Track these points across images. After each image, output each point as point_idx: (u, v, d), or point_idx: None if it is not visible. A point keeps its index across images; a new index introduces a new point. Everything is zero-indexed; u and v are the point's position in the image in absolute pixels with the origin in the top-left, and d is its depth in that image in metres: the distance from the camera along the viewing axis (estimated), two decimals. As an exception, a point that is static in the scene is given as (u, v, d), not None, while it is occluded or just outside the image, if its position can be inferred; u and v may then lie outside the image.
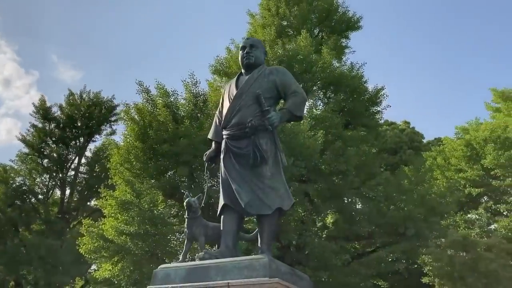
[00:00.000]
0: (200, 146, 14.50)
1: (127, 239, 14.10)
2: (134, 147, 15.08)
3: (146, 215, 13.58)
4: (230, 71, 19.04)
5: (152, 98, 16.47)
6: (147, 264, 14.52)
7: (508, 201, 21.42)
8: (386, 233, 17.11)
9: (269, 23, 21.35)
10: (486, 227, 21.30)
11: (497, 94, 25.86)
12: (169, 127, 14.54)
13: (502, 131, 21.72)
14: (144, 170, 14.88)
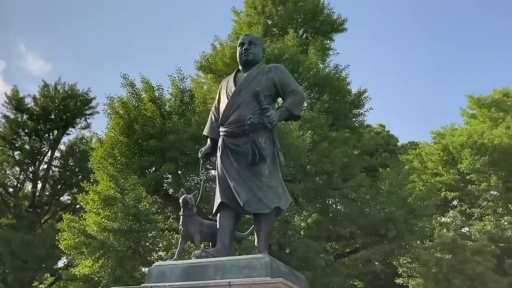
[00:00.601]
0: (188, 142, 14.40)
1: (110, 235, 13.81)
2: (119, 142, 14.77)
3: (131, 211, 13.31)
4: (215, 67, 18.94)
5: (137, 92, 16.20)
6: (129, 261, 14.28)
7: (482, 206, 22.00)
8: (367, 234, 17.30)
9: (255, 21, 21.30)
10: (460, 230, 21.87)
11: (473, 101, 26.54)
12: (157, 122, 14.30)
13: (478, 137, 22.32)
14: (128, 166, 14.59)
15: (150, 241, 14.53)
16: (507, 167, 21.98)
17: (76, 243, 14.08)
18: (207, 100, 16.44)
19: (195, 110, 15.72)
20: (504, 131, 22.31)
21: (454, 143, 23.10)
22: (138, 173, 14.45)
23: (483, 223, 20.61)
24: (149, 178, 14.14)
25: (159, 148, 14.21)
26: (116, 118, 15.10)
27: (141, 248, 14.74)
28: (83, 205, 15.63)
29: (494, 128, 23.05)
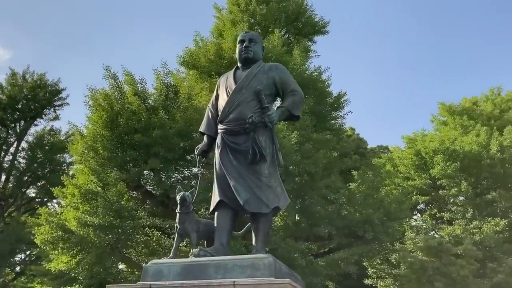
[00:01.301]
0: (174, 138, 14.21)
1: (90, 231, 13.46)
2: (101, 135, 14.40)
3: (113, 207, 12.99)
4: (198, 64, 18.74)
5: (119, 84, 15.85)
6: (108, 258, 13.96)
7: (451, 210, 22.67)
8: (344, 235, 17.54)
9: (238, 19, 21.20)
10: (429, 233, 22.48)
11: (444, 108, 27.30)
12: (142, 116, 14.02)
13: (450, 144, 22.98)
14: (110, 160, 14.25)
15: (130, 238, 14.22)
16: (476, 174, 22.73)
17: (54, 238, 13.63)
18: (192, 96, 16.28)
19: (180, 106, 15.52)
20: (474, 139, 23.04)
21: (426, 149, 23.70)
22: (121, 168, 14.12)
23: (453, 227, 21.24)
24: (132, 174, 13.84)
25: (144, 143, 13.93)
26: (98, 111, 14.70)
27: (120, 245, 14.43)
28: (60, 199, 15.14)
29: (465, 136, 23.78)
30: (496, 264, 14.64)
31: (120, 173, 13.79)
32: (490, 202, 21.82)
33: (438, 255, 14.97)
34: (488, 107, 26.28)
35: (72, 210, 14.06)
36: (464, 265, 14.38)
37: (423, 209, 25.35)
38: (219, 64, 18.29)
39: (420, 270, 14.67)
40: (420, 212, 25.83)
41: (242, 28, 19.16)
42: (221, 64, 18.28)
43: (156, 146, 13.85)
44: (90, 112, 15.30)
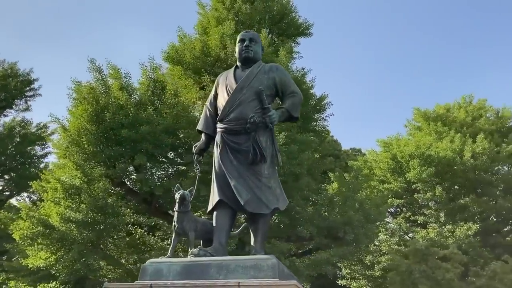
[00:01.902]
0: (161, 135, 14.00)
1: (73, 227, 13.11)
2: (85, 129, 14.03)
3: (98, 203, 12.69)
4: (184, 60, 18.52)
5: (103, 78, 15.50)
6: (90, 255, 13.64)
7: (425, 214, 23.25)
8: (324, 236, 17.70)
9: (223, 17, 21.05)
10: (404, 236, 23.01)
11: (419, 113, 27.93)
12: (130, 111, 13.73)
13: (426, 149, 23.55)
14: (94, 155, 13.91)
15: (112, 235, 13.94)
16: (450, 179, 23.37)
17: (34, 233, 13.20)
18: (178, 93, 16.08)
19: (166, 102, 15.30)
20: (448, 145, 23.69)
21: (402, 153, 24.21)
22: (107, 164, 13.81)
23: (427, 231, 21.78)
24: (118, 169, 13.56)
25: (131, 138, 13.65)
26: (83, 104, 14.31)
27: (102, 241, 14.13)
28: (40, 193, 14.68)
29: (439, 142, 24.41)
30: (479, 268, 15.11)
31: (106, 168, 13.47)
32: (463, 207, 22.47)
33: (424, 258, 15.30)
34: (461, 114, 27.04)
35: (53, 205, 13.67)
36: (449, 269, 14.76)
37: (396, 212, 25.86)
38: (204, 61, 18.14)
39: (406, 272, 14.96)
40: (393, 215, 26.36)
41: (229, 27, 19.06)
42: (206, 61, 18.14)
43: (144, 142, 13.59)
44: (73, 105, 14.88)
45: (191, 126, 13.87)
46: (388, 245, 21.98)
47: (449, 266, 14.78)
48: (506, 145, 23.99)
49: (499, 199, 22.02)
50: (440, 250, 15.48)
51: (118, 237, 14.06)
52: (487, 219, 22.74)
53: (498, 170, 24.22)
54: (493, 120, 27.04)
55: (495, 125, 26.39)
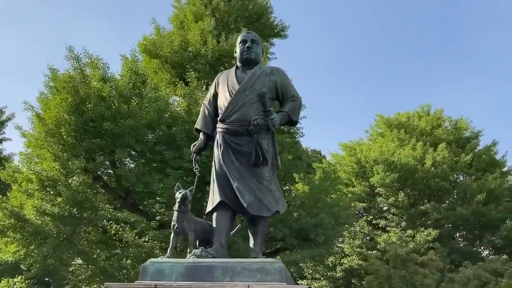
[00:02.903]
0: (144, 130, 13.67)
1: (48, 220, 12.55)
2: (64, 120, 13.43)
3: (78, 197, 12.20)
4: (161, 53, 18.15)
5: (81, 67, 14.92)
6: (64, 250, 13.11)
7: (387, 218, 23.95)
8: (295, 237, 17.85)
9: (201, 12, 20.78)
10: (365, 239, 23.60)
11: (382, 120, 28.74)
12: (113, 104, 13.28)
13: (390, 155, 24.27)
14: (72, 147, 13.37)
15: (88, 230, 13.47)
16: (411, 185, 24.19)
17: (4, 226, 12.52)
18: (160, 87, 15.75)
19: (146, 96, 14.92)
20: (410, 152, 24.52)
21: (367, 158, 24.83)
22: (85, 156, 13.31)
23: (388, 234, 22.45)
24: (98, 163, 13.08)
25: (112, 132, 13.21)
26: (62, 93, 13.69)
27: (76, 237, 13.62)
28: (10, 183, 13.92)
29: (401, 148, 25.21)
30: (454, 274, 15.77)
31: (86, 161, 12.97)
32: (423, 213, 23.31)
33: (403, 264, 15.75)
34: (422, 123, 28.06)
35: (25, 196, 13.02)
36: (427, 274, 15.26)
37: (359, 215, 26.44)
38: (183, 56, 17.85)
39: (384, 277, 15.35)
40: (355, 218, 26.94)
41: (209, 23, 18.85)
42: (185, 56, 17.85)
43: (125, 136, 13.19)
44: (50, 93, 14.24)
45: (176, 123, 13.64)
46: (351, 247, 22.46)
47: (427, 272, 15.31)
48: (465, 155, 25.10)
49: (457, 207, 23.02)
50: (419, 256, 16.00)
51: (94, 232, 13.57)
52: (445, 226, 23.71)
53: (456, 178, 25.30)
54: (451, 130, 28.22)
55: (453, 135, 27.55)
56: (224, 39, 18.03)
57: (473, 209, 22.53)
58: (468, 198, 23.27)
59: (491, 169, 25.88)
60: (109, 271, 13.62)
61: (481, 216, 22.71)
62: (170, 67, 17.82)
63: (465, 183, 24.05)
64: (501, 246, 22.35)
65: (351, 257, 22.41)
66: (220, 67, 18.26)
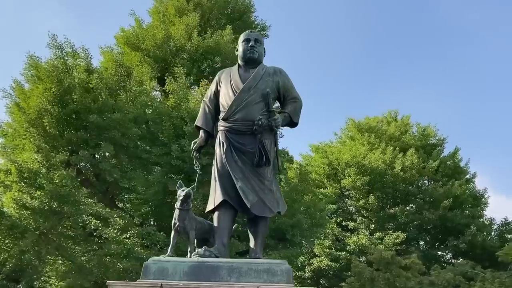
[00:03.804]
0: (130, 124, 13.38)
1: (27, 214, 12.09)
2: (46, 111, 12.95)
3: (61, 191, 11.78)
4: (143, 46, 17.80)
5: (63, 56, 14.45)
6: (43, 245, 12.65)
7: (356, 220, 24.42)
8: (272, 238, 17.94)
9: (183, 7, 20.50)
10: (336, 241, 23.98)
11: (353, 124, 29.22)
12: (101, 96, 12.90)
13: (362, 158, 24.74)
14: (55, 139, 12.93)
15: (68, 225, 13.05)
16: (381, 189, 24.74)
17: (-22, 218, 11.95)
18: (144, 81, 15.46)
19: (131, 90, 14.62)
20: (380, 156, 25.07)
21: (339, 160, 25.21)
22: (68, 149, 12.89)
23: (358, 236, 22.91)
24: (82, 156, 12.68)
25: (98, 125, 12.85)
26: (45, 83, 13.20)
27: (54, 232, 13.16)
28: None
29: (371, 152, 25.73)
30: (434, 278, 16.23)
31: (69, 154, 12.56)
32: (392, 216, 23.89)
33: (387, 266, 16.05)
34: (391, 128, 28.73)
35: (2, 188, 12.49)
36: (410, 277, 15.63)
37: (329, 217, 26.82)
38: (166, 50, 17.57)
39: (368, 280, 15.62)
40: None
41: (194, 18, 18.66)
42: (167, 51, 17.59)
43: (112, 130, 12.85)
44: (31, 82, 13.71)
45: (162, 118, 13.41)
46: (321, 248, 22.77)
47: (410, 275, 15.70)
48: (432, 161, 25.89)
49: (424, 211, 23.74)
50: (403, 259, 16.39)
51: (74, 228, 13.15)
52: (411, 229, 24.41)
53: (423, 183, 26.05)
54: (418, 136, 29.03)
55: (420, 141, 28.34)
56: (209, 36, 17.87)
57: (439, 214, 23.29)
58: (435, 203, 24.02)
59: (456, 175, 26.79)
60: (87, 267, 13.24)
61: (446, 220, 23.50)
62: (153, 61, 17.51)
63: (431, 188, 24.81)
64: (464, 250, 23.22)
65: (320, 257, 22.72)
66: (203, 63, 18.12)
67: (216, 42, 17.83)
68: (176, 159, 12.92)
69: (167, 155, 13.28)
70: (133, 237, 13.37)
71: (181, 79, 14.70)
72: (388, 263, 15.87)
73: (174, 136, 13.27)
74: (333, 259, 22.69)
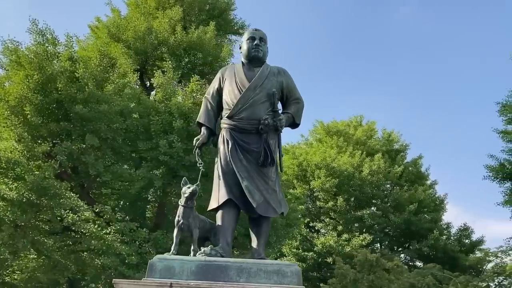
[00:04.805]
0: (116, 117, 13.00)
1: (4, 206, 11.51)
2: (27, 99, 12.37)
3: (43, 184, 11.28)
4: (124, 37, 17.32)
5: (44, 43, 13.85)
6: (19, 239, 12.09)
7: (325, 221, 24.78)
8: (247, 236, 17.92)
9: (164, 0, 20.11)
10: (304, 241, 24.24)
11: (322, 126, 29.62)
12: (88, 86, 12.45)
13: (331, 161, 25.14)
14: (36, 129, 12.37)
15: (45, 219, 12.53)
16: (349, 192, 25.22)
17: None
18: (128, 74, 15.04)
19: (114, 82, 14.19)
20: (349, 160, 25.57)
21: (309, 162, 25.50)
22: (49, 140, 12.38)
23: (325, 238, 23.27)
24: (65, 147, 12.19)
25: (82, 116, 12.39)
26: (26, 70, 12.60)
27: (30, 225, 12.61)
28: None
29: (339, 155, 26.20)
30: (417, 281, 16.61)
31: (52, 146, 12.05)
32: (358, 219, 24.40)
33: (370, 269, 16.28)
34: (359, 132, 29.38)
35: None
36: (392, 280, 15.92)
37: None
38: (147, 43, 17.17)
39: (350, 281, 15.80)
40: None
41: (177, 12, 18.34)
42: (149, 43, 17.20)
43: (97, 122, 12.43)
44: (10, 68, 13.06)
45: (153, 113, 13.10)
46: (289, 248, 22.96)
47: (392, 278, 16.01)
48: (397, 166, 26.64)
49: (389, 214, 24.38)
50: (387, 262, 16.68)
51: (53, 221, 12.64)
52: (377, 232, 25.02)
53: (388, 188, 26.74)
54: (383, 141, 29.79)
55: (385, 146, 29.09)
56: (193, 31, 17.61)
57: (404, 218, 23.98)
58: (400, 207, 24.72)
59: (419, 181, 27.70)
60: (64, 263, 12.78)
61: (411, 224, 24.23)
62: (133, 53, 17.08)
63: (397, 192, 25.52)
64: (427, 254, 24.02)
65: (288, 257, 22.91)
66: (184, 59, 17.84)
67: (199, 37, 17.60)
68: (163, 155, 12.66)
69: (153, 150, 13.00)
70: (113, 233, 13.01)
71: (169, 73, 14.40)
72: (372, 265, 16.16)
73: (162, 131, 12.99)
74: (301, 259, 22.92)
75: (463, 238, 25.85)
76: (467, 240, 25.88)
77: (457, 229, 26.31)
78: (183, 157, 12.65)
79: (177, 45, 17.07)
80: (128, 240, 13.28)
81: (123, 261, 12.79)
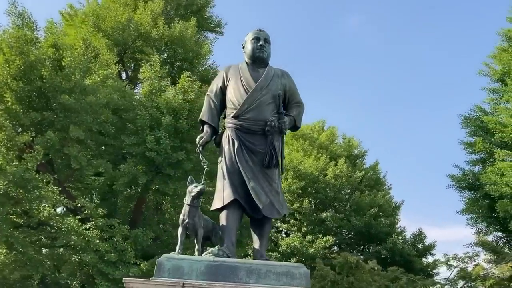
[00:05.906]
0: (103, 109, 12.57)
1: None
2: (7, 85, 11.73)
3: (25, 176, 10.74)
4: (104, 27, 16.76)
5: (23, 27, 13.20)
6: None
7: (289, 222, 25.05)
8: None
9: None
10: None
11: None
12: (74, 76, 11.93)
13: (298, 163, 25.46)
14: (16, 117, 11.75)
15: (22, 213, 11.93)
16: (313, 194, 25.62)
17: None
18: (111, 65, 14.58)
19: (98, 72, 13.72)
20: (314, 163, 25.98)
21: (277, 164, 25.61)
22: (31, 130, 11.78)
23: (290, 238, 23.52)
24: (48, 138, 11.65)
25: (68, 107, 11.89)
26: (7, 54, 11.95)
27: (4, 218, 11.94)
28: None
29: (305, 158, 26.57)
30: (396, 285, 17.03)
31: (36, 135, 11.48)
32: (322, 221, 24.81)
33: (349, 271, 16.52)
34: (323, 137, 29.89)
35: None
36: (370, 282, 16.23)
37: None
38: (128, 34, 16.73)
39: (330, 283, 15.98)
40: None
41: (158, 5, 17.98)
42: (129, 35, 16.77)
43: (83, 113, 11.97)
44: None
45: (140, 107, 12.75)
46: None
47: (370, 279, 16.33)
48: (359, 171, 27.34)
49: (351, 218, 24.99)
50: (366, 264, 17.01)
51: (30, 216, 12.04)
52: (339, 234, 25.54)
53: (350, 192, 27.34)
54: (344, 147, 30.46)
55: (346, 151, 29.75)
56: (175, 25, 17.31)
57: (365, 221, 24.64)
58: (360, 211, 25.36)
59: (377, 186, 28.54)
60: (39, 259, 12.21)
61: (371, 228, 24.92)
62: (112, 43, 16.57)
63: (358, 196, 26.17)
64: (385, 257, 24.78)
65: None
66: (164, 53, 17.54)
67: (180, 33, 17.34)
68: (150, 151, 12.36)
69: (139, 145, 12.66)
70: (92, 229, 12.60)
71: (156, 67, 14.06)
72: (351, 267, 16.50)
73: (149, 127, 12.68)
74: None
75: (416, 242, 26.84)
76: (420, 245, 26.89)
77: (412, 234, 27.35)
78: (170, 154, 12.40)
79: (159, 39, 16.73)
80: (107, 237, 12.91)
81: (102, 258, 12.42)
